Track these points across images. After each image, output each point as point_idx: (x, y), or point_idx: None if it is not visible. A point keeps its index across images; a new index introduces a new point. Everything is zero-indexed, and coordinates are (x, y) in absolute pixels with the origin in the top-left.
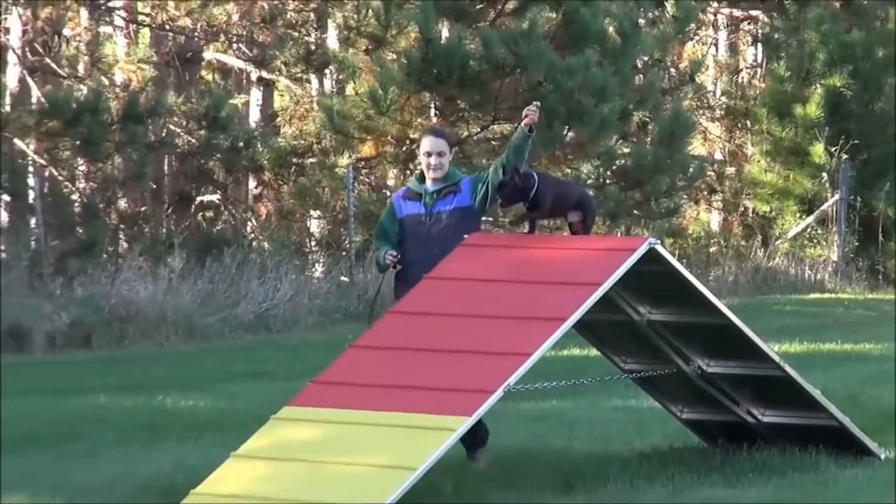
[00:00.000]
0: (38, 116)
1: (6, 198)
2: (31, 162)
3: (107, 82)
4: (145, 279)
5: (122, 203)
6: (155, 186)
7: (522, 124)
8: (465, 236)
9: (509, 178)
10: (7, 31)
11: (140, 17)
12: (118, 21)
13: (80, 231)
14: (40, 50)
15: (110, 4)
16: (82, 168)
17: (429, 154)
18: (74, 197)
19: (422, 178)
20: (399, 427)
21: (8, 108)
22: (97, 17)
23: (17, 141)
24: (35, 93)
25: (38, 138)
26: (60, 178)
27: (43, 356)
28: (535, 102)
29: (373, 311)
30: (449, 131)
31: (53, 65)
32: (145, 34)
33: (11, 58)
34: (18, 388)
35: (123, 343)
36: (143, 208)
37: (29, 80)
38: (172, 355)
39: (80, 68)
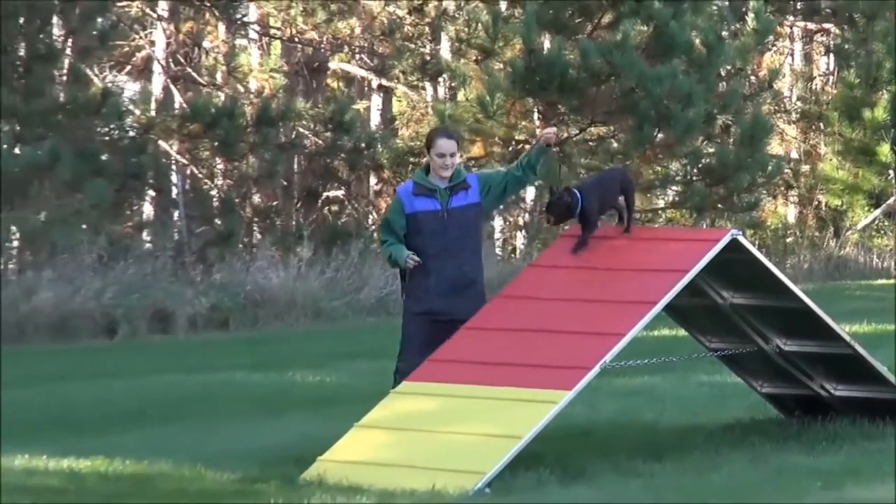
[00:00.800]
0: (180, 120)
1: (152, 193)
2: (174, 161)
3: (242, 90)
4: (277, 267)
5: (256, 198)
6: (286, 183)
7: (542, 141)
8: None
9: (558, 197)
10: (153, 43)
11: (272, 31)
12: (252, 34)
13: (219, 223)
14: (182, 60)
15: (245, 19)
16: (220, 167)
17: (442, 155)
18: (213, 193)
19: (426, 174)
20: (506, 400)
21: (154, 113)
22: (233, 31)
23: (161, 142)
24: (178, 99)
25: (180, 140)
26: (200, 175)
27: (185, 337)
28: (552, 128)
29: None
30: (456, 131)
31: (194, 74)
32: (277, 46)
33: (157, 68)
34: (163, 366)
35: (257, 325)
36: (275, 203)
37: (172, 87)
38: (301, 336)
39: (218, 77)
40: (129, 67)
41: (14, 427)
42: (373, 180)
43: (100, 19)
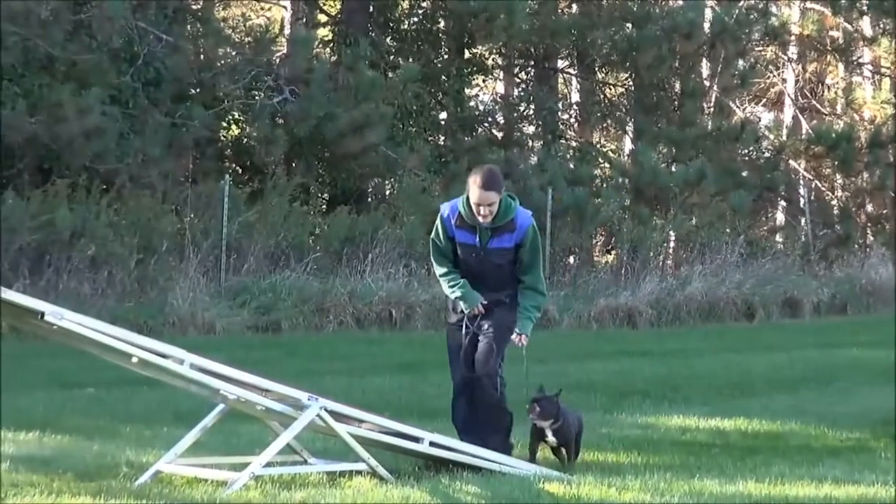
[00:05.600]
0: (806, 143)
1: (783, 203)
2: (801, 177)
3: (857, 118)
4: (886, 264)
5: (869, 207)
6: (894, 195)
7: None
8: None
9: (549, 400)
10: (784, 81)
11: (882, 70)
12: (866, 72)
13: (838, 228)
14: (808, 94)
15: (860, 60)
16: (839, 181)
17: (478, 205)
18: (833, 203)
19: (470, 208)
20: None
21: (784, 138)
22: (850, 70)
23: (791, 161)
24: (804, 126)
25: (806, 159)
26: (823, 188)
27: (810, 320)
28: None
29: None
30: (498, 178)
31: (818, 105)
32: (886, 82)
33: (787, 101)
34: (793, 344)
35: (869, 311)
36: (884, 211)
37: (800, 116)
38: None
39: (838, 108)
40: (763, 100)
41: (675, 391)
42: None
43: (740, 62)
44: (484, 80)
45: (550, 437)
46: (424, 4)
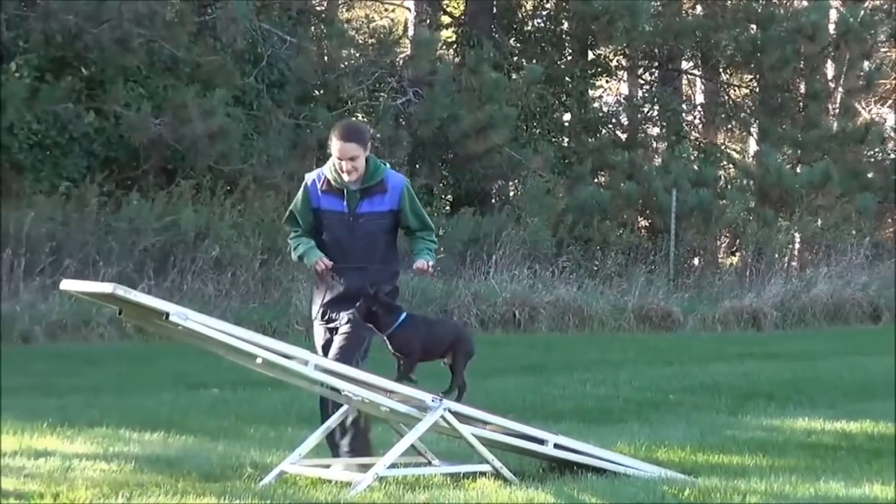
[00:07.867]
0: None
1: None
2: None
3: None
4: None
5: None
6: None
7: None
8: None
9: (371, 302)
10: None
11: None
12: None
13: None
14: None
15: None
16: None
17: (339, 158)
18: None
19: (338, 171)
20: None
21: None
22: None
23: None
24: None
25: None
26: None
27: None
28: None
29: None
30: (360, 130)
31: None
32: None
33: None
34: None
35: None
36: None
37: None
38: None
39: None
40: (889, 102)
41: (800, 393)
42: None
43: (866, 63)
44: (608, 82)
45: (389, 347)
46: (548, 6)
